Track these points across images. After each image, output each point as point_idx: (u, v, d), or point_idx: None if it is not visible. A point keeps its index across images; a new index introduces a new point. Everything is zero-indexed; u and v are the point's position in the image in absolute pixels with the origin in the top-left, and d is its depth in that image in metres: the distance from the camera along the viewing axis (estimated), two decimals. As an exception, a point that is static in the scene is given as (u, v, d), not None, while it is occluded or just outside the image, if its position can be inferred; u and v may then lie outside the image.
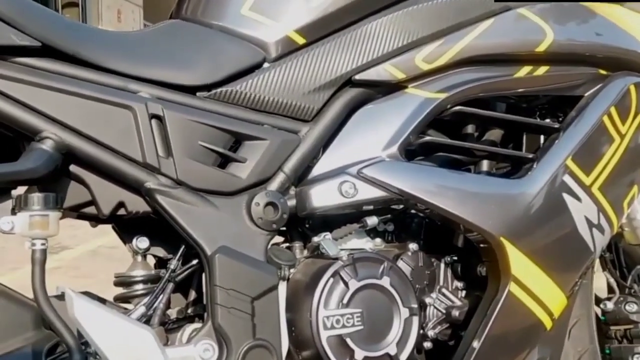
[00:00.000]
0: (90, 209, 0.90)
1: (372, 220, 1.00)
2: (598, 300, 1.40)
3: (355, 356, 0.89)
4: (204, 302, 0.90)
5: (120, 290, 0.97)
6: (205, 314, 0.88)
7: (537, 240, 1.01)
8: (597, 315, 1.39)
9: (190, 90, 0.92)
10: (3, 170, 0.77)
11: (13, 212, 0.80)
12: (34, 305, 0.83)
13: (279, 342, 0.89)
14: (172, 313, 1.03)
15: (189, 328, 0.92)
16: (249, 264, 0.87)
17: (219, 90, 0.93)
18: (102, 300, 0.97)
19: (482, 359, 0.98)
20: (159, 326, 0.87)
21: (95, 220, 0.99)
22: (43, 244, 0.80)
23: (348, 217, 1.01)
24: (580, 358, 1.26)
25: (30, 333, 0.83)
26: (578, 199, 1.04)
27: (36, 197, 0.79)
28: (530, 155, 1.07)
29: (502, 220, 0.97)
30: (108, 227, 1.00)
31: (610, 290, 1.43)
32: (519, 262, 0.98)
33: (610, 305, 1.37)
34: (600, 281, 1.44)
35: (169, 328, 0.93)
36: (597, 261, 1.39)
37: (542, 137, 1.14)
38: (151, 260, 1.01)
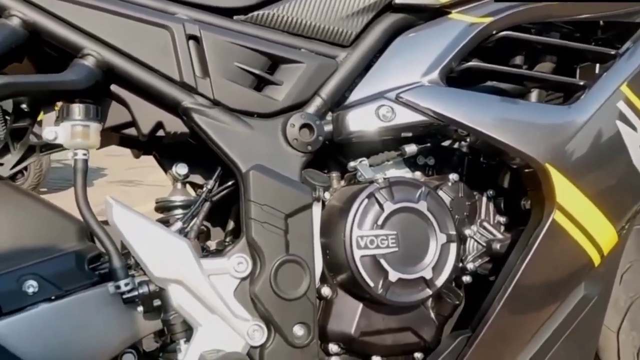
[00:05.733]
0: (131, 131, 0.93)
1: (410, 149, 0.99)
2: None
3: (390, 277, 0.88)
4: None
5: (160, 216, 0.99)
6: (241, 231, 0.89)
7: (586, 169, 0.96)
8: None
9: (227, 13, 0.93)
10: (46, 80, 0.81)
11: (57, 123, 0.84)
12: (80, 221, 0.87)
13: (312, 260, 0.89)
14: (212, 244, 1.07)
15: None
16: (283, 182, 0.88)
17: (255, 13, 0.94)
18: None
19: (522, 290, 0.95)
20: (194, 240, 0.89)
21: (137, 146, 1.02)
22: (84, 154, 0.83)
23: (386, 145, 1.00)
24: (632, 304, 1.20)
25: (75, 242, 0.87)
26: (633, 127, 0.98)
27: (78, 107, 0.82)
28: (582, 82, 1.01)
29: (547, 146, 0.93)
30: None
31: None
32: (565, 190, 0.94)
33: None
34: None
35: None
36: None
37: (597, 68, 1.07)
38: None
